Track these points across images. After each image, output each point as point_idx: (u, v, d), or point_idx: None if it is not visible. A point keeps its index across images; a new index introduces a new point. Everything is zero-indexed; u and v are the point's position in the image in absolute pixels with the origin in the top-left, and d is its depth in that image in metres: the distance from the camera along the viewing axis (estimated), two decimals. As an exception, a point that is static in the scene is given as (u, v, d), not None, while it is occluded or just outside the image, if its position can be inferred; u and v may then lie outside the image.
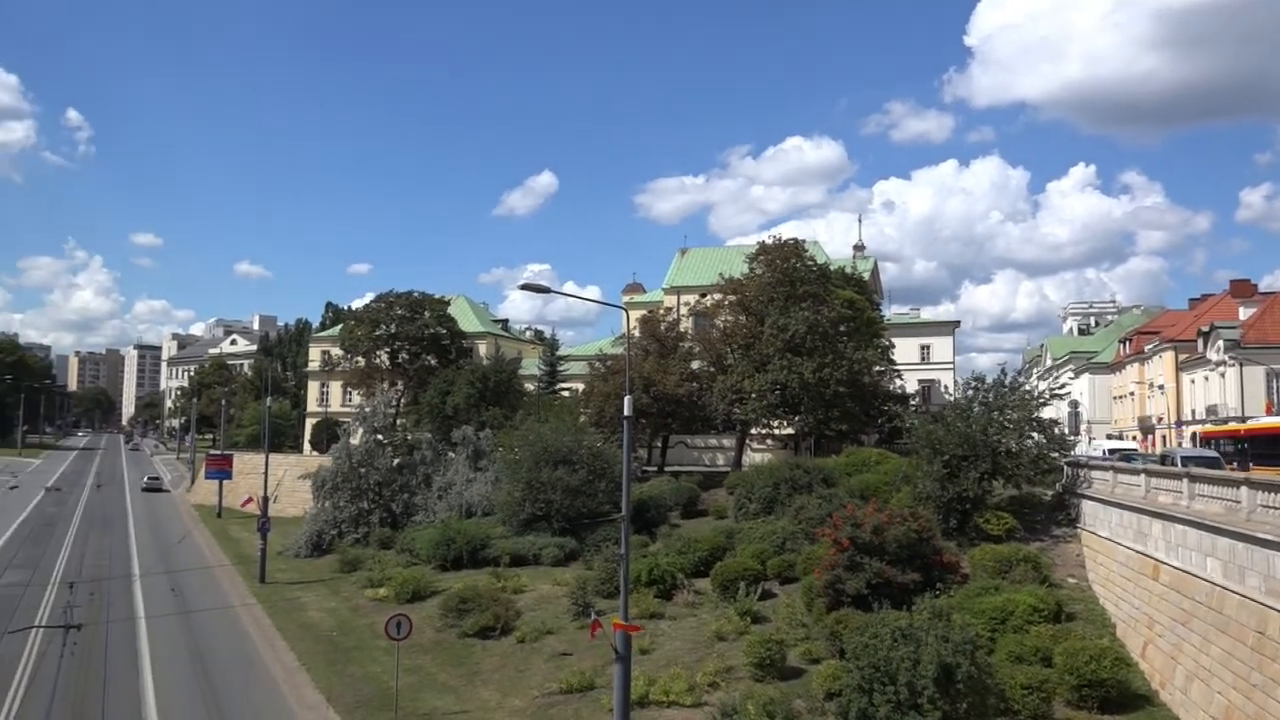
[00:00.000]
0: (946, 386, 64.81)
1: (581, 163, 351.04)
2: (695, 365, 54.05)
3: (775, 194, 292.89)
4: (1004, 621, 22.69)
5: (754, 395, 46.60)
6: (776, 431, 51.30)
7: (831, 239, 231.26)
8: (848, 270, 61.22)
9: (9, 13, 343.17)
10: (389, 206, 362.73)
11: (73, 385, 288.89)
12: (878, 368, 52.91)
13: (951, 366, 71.29)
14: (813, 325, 46.06)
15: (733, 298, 51.58)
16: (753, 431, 52.05)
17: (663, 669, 23.81)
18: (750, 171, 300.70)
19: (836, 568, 25.32)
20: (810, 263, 51.18)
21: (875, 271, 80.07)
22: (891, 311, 76.77)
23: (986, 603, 23.43)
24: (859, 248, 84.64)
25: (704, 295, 59.18)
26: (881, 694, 18.44)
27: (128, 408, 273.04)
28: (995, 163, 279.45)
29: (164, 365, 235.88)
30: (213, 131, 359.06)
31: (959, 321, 76.98)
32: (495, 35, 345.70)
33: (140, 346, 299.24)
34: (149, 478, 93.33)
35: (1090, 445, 49.66)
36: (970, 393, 33.10)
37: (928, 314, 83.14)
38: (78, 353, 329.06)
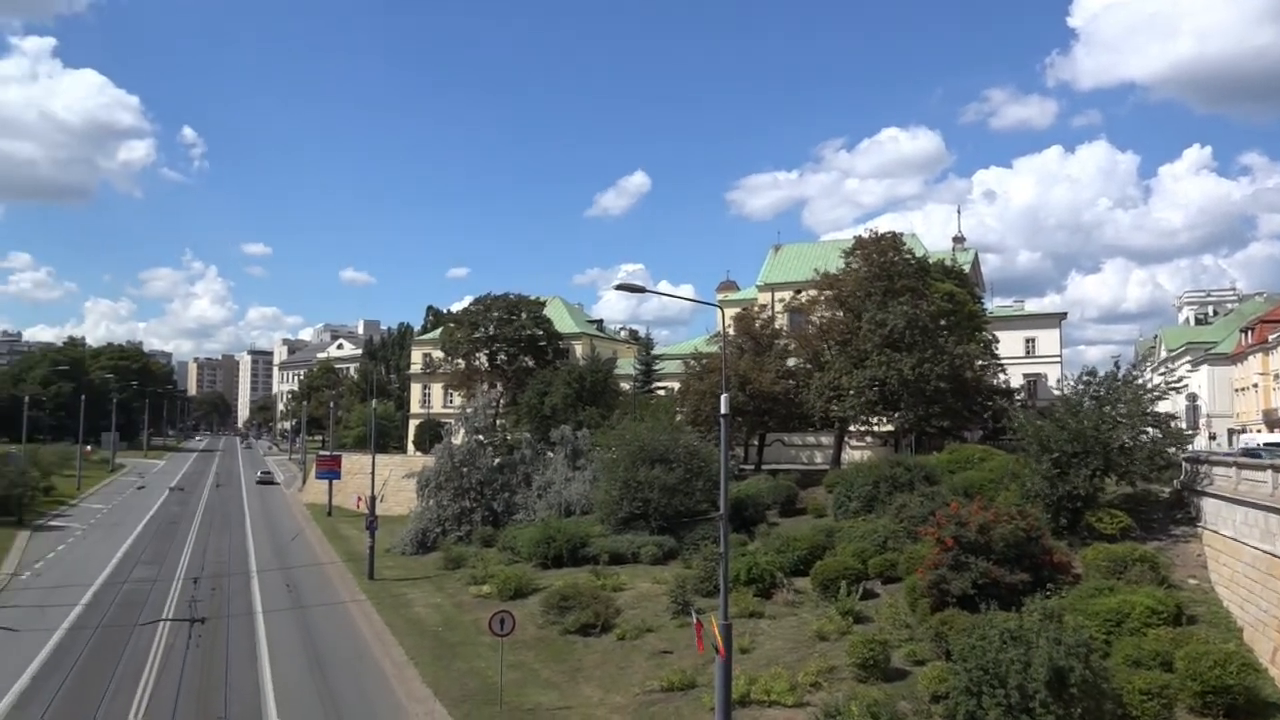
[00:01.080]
0: (1055, 380, 62.78)
1: (673, 161, 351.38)
2: (791, 362, 53.55)
3: (870, 187, 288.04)
4: (1120, 624, 21.82)
5: (852, 392, 45.92)
6: (875, 428, 50.45)
7: (929, 231, 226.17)
8: (947, 263, 59.80)
9: (130, 36, 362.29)
10: (485, 211, 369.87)
11: (192, 390, 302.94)
12: (980, 362, 51.52)
13: (1058, 360, 68.98)
14: (912, 320, 45.12)
15: (829, 293, 50.93)
16: (851, 429, 51.30)
17: (763, 668, 23.67)
18: (844, 165, 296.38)
19: (941, 567, 24.77)
20: (908, 256, 50.17)
21: (976, 264, 78.05)
22: (994, 304, 74.64)
23: (1101, 604, 22.57)
24: (958, 240, 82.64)
25: (799, 291, 58.50)
26: (991, 697, 17.94)
27: (243, 411, 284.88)
28: (1103, 147, 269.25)
29: (275, 370, 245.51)
30: (317, 144, 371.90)
31: (1065, 313, 74.29)
32: (583, 38, 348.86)
33: (253, 352, 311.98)
34: (262, 473, 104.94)
35: (1239, 439, 47.11)
36: (1081, 387, 31.97)
37: (1032, 306, 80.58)
38: (196, 359, 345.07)
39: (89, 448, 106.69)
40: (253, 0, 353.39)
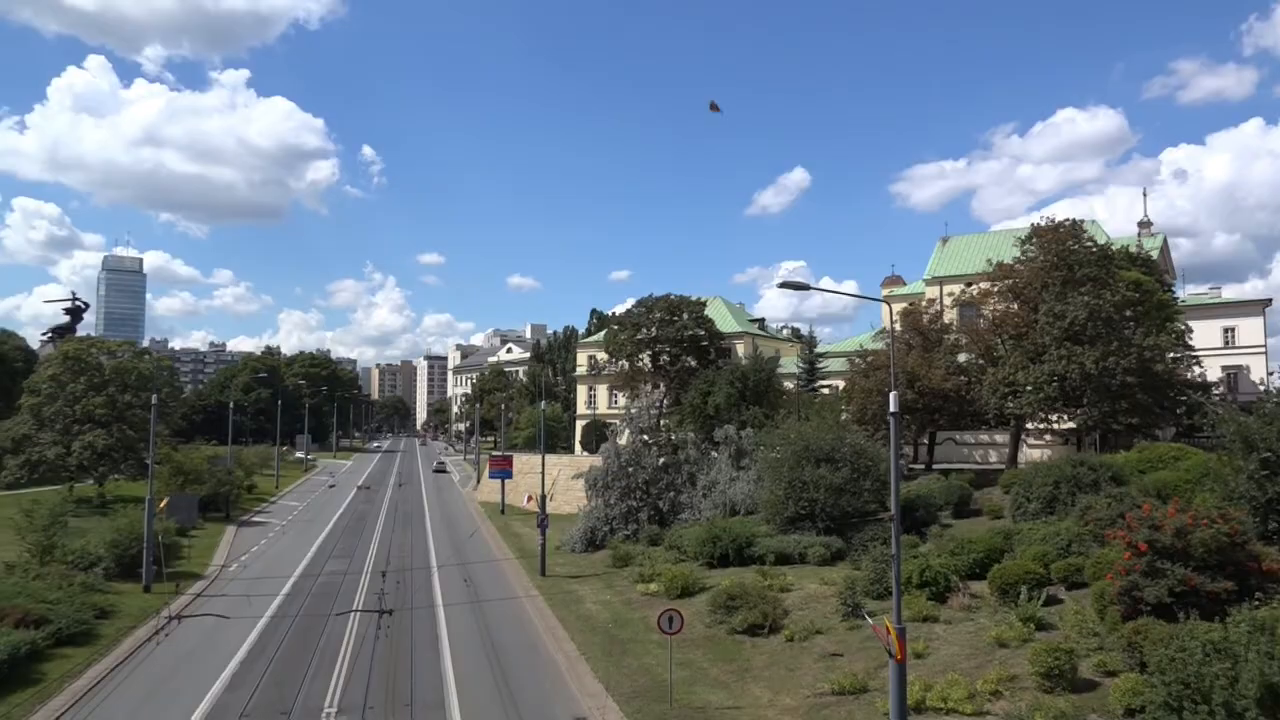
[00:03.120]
0: (1261, 373, 57.89)
1: (834, 156, 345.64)
2: (962, 358, 51.65)
3: (1045, 172, 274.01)
4: (1342, 638, 19.87)
5: (1029, 388, 43.78)
6: (1055, 426, 47.92)
7: (1112, 217, 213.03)
8: (1132, 249, 56.21)
9: (314, 63, 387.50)
10: (645, 213, 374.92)
11: (375, 394, 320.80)
12: (1172, 354, 48.08)
13: (1263, 350, 63.47)
14: (1094, 311, 42.62)
15: (1002, 285, 48.75)
16: (1028, 426, 48.96)
17: (939, 675, 22.92)
18: (1016, 150, 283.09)
19: (1132, 573, 23.24)
20: (1089, 243, 47.38)
21: (1165, 249, 72.96)
22: (1186, 292, 69.59)
23: (1319, 616, 20.62)
24: (1145, 224, 77.42)
25: (969, 284, 56.42)
26: (1193, 714, 16.69)
27: (420, 413, 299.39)
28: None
29: (449, 374, 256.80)
30: (484, 156, 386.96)
31: (1270, 300, 68.06)
32: (739, 36, 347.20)
33: (429, 357, 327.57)
34: (437, 463, 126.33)
35: None
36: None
37: (1231, 293, 74.57)
38: (378, 365, 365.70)
39: (285, 449, 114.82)
40: (421, 22, 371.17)
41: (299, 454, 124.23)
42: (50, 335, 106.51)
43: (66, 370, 67.67)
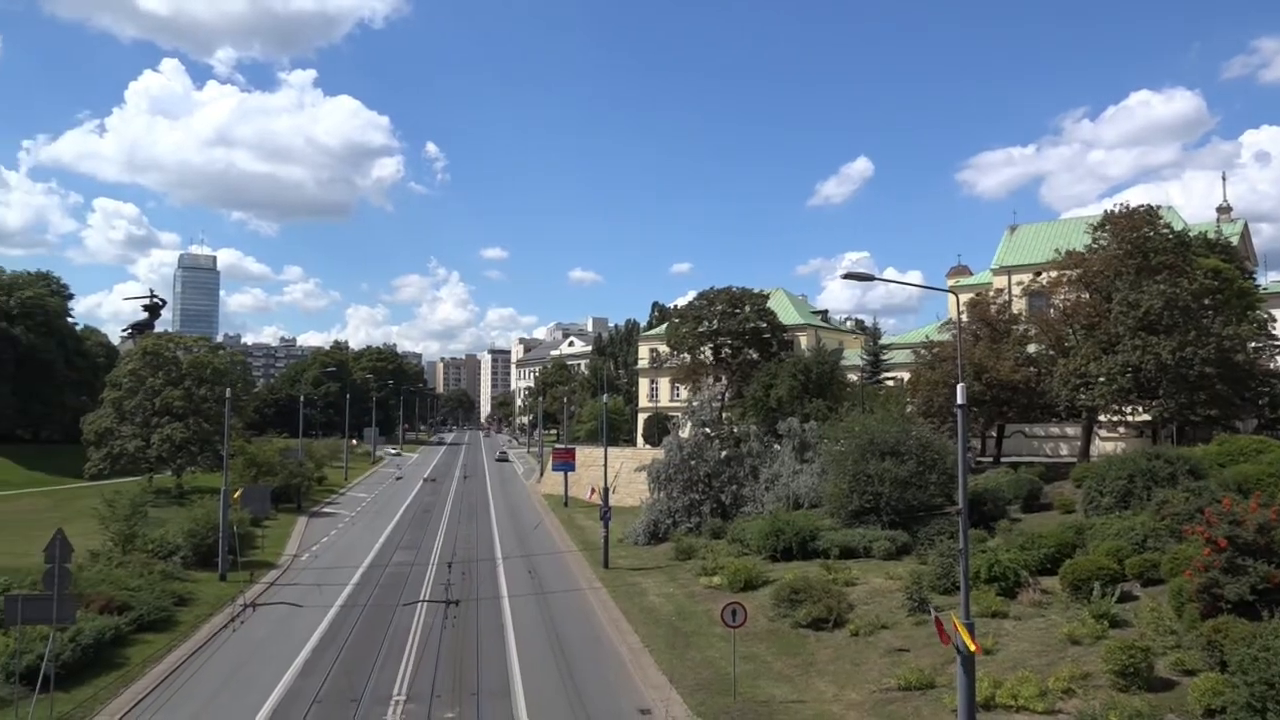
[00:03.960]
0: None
1: (898, 144, 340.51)
2: (1031, 349, 50.49)
3: (1118, 157, 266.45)
4: None
5: (1102, 379, 42.62)
6: (1129, 418, 46.58)
7: (1188, 202, 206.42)
8: (1211, 236, 54.17)
9: (379, 62, 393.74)
10: (706, 206, 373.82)
11: (440, 388, 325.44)
12: (1253, 344, 46.36)
13: (1353, 339, 60.74)
14: (1170, 299, 41.30)
15: (1073, 274, 47.49)
16: (1101, 419, 47.66)
17: (1009, 671, 22.51)
18: (1087, 135, 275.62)
19: (1212, 570, 22.53)
20: (1165, 230, 45.87)
21: (1245, 235, 70.41)
22: (1268, 279, 66.98)
23: None
24: (1224, 209, 74.74)
25: (1038, 274, 54.99)
26: (1278, 715, 16.18)
27: (484, 406, 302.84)
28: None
29: (513, 367, 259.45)
30: (547, 152, 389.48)
31: (1360, 286, 65.22)
32: (797, 26, 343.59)
33: (493, 351, 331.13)
34: (500, 452, 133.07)
35: None
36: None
37: (1317, 279, 71.46)
38: (443, 359, 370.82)
39: (353, 441, 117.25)
40: (484, 19, 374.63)
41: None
42: (130, 331, 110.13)
43: (146, 365, 69.92)
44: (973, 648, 18.04)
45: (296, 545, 52.28)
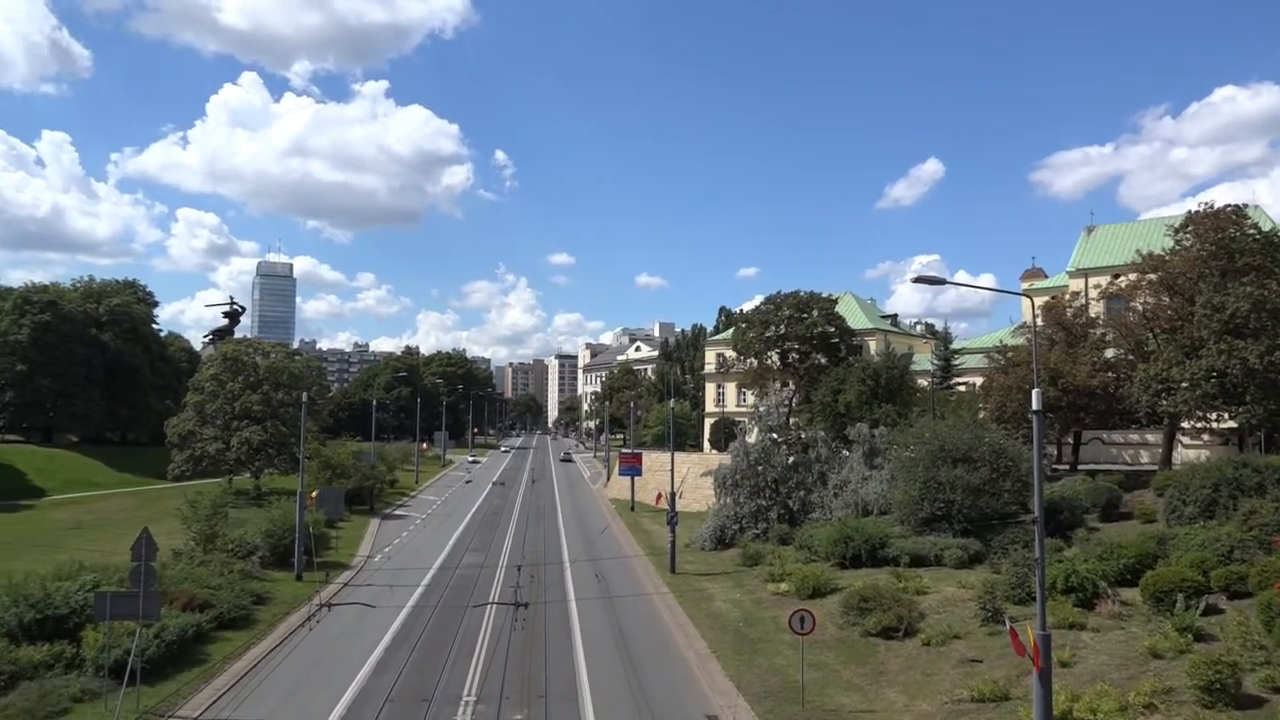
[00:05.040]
0: None
1: (970, 145, 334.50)
2: (1109, 354, 49.11)
3: (1201, 155, 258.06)
4: None
5: (1184, 385, 41.22)
6: (1214, 425, 44.98)
7: (1277, 201, 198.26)
8: (1301, 235, 52.07)
9: (449, 71, 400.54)
10: (773, 210, 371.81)
11: (508, 392, 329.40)
12: (1350, 348, 44.37)
13: None
14: (1258, 302, 39.77)
15: (1153, 276, 46.06)
16: (1184, 425, 46.11)
17: (1086, 685, 21.90)
18: (1169, 133, 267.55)
19: (1303, 583, 21.66)
20: (1252, 230, 44.21)
21: (1340, 233, 67.42)
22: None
23: None
24: (1317, 207, 71.75)
25: (1117, 276, 53.34)
26: (1373, 735, 15.48)
27: (552, 411, 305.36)
28: None
29: (580, 372, 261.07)
30: (613, 158, 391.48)
31: None
32: (870, 27, 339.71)
33: (560, 356, 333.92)
34: (564, 453, 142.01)
35: None
36: None
37: None
38: (511, 364, 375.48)
39: (424, 445, 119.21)
40: (551, 28, 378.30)
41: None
42: (211, 337, 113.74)
43: (226, 370, 72.05)
44: (1037, 665, 17.59)
45: (369, 546, 53.31)
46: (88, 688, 24.20)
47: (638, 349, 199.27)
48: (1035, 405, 19.23)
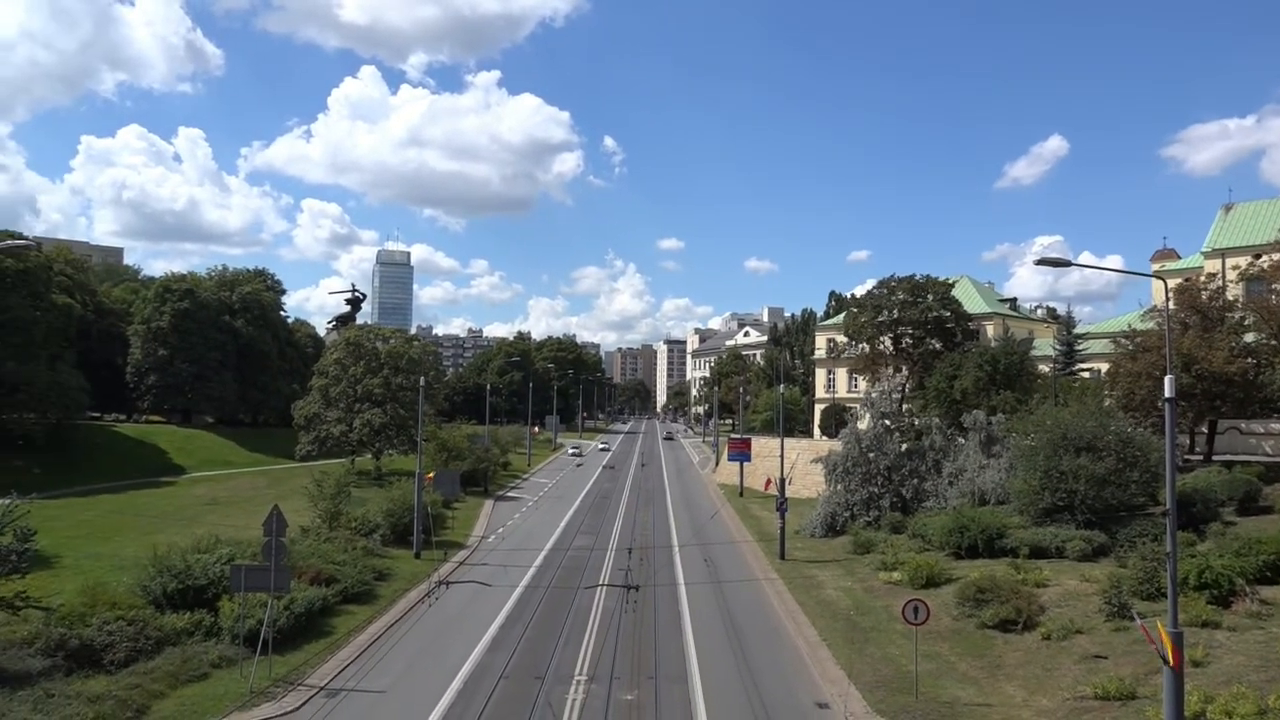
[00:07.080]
0: None
1: (1097, 119, 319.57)
2: (1249, 339, 46.39)
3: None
4: None
5: (1334, 371, 38.71)
6: (1367, 414, 42.10)
7: None
8: None
9: (560, 59, 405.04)
10: (885, 192, 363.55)
11: (617, 377, 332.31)
12: None
13: None
14: None
15: (1300, 256, 43.30)
16: (1334, 415, 43.30)
17: (1221, 686, 20.84)
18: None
19: None
20: None
21: None
22: None
23: None
24: None
25: (1258, 256, 50.38)
26: None
27: (660, 396, 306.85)
28: None
29: (688, 357, 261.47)
30: (722, 143, 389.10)
31: None
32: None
33: (669, 341, 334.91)
34: (667, 432, 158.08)
35: None
36: None
37: None
38: (620, 349, 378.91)
39: (535, 429, 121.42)
40: (661, 13, 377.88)
41: (548, 434, 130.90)
42: (334, 323, 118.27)
43: (348, 355, 74.86)
44: (1169, 663, 16.81)
45: (484, 527, 54.71)
46: (224, 654, 25.70)
47: (746, 334, 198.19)
48: (1168, 392, 18.33)
